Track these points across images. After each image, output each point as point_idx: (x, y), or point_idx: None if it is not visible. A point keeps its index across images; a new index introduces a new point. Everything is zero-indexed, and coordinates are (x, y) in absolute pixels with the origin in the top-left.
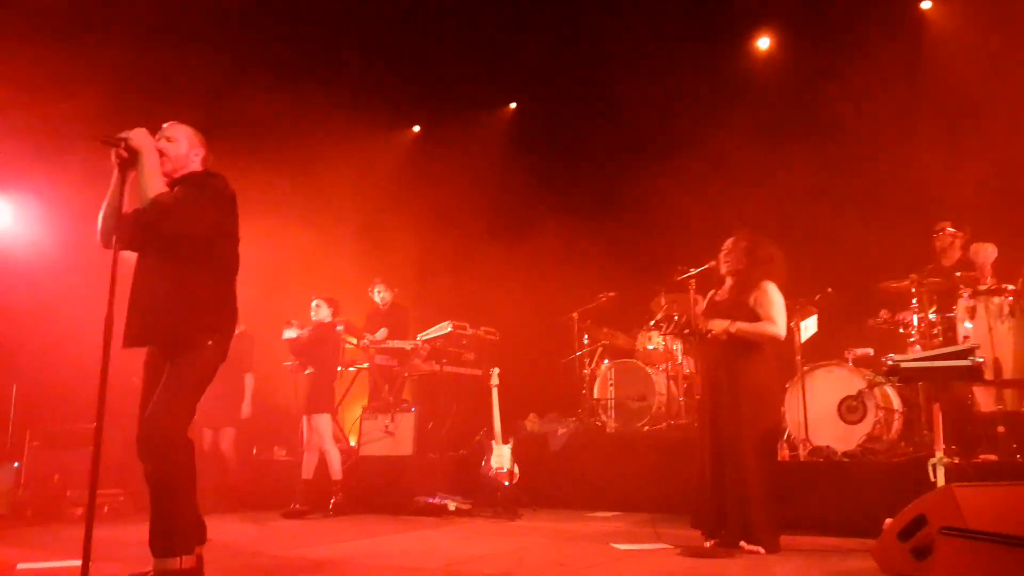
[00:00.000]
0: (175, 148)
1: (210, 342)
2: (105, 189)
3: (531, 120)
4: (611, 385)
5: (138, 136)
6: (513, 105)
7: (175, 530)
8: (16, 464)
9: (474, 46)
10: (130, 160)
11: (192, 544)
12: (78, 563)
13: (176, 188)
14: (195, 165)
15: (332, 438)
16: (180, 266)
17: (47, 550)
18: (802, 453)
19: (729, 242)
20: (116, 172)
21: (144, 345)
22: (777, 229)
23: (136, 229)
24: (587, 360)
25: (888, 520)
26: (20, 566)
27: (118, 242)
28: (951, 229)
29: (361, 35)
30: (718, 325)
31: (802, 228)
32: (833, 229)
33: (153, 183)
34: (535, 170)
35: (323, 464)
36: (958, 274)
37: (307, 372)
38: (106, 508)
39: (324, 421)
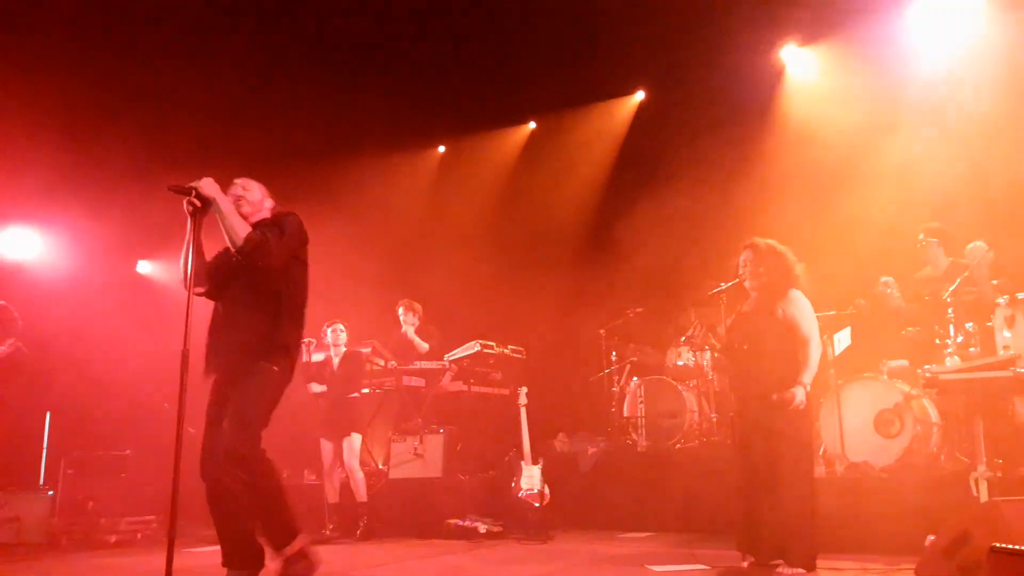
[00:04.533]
0: (251, 195)
1: (276, 368)
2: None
3: (550, 137)
4: (641, 403)
5: (207, 185)
6: (532, 124)
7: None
8: (51, 492)
9: (491, 67)
10: (202, 208)
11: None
12: None
13: (260, 229)
14: (267, 210)
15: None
16: (259, 298)
17: None
18: (838, 469)
19: (745, 256)
20: (189, 220)
21: (222, 374)
22: (806, 242)
23: (224, 270)
24: (616, 377)
25: (930, 537)
26: None
27: (203, 287)
28: (932, 239)
29: (383, 57)
30: (798, 395)
31: (832, 241)
32: (862, 240)
33: (238, 224)
34: (559, 187)
35: (349, 487)
36: (994, 282)
37: (350, 395)
38: (139, 535)
39: (357, 441)
